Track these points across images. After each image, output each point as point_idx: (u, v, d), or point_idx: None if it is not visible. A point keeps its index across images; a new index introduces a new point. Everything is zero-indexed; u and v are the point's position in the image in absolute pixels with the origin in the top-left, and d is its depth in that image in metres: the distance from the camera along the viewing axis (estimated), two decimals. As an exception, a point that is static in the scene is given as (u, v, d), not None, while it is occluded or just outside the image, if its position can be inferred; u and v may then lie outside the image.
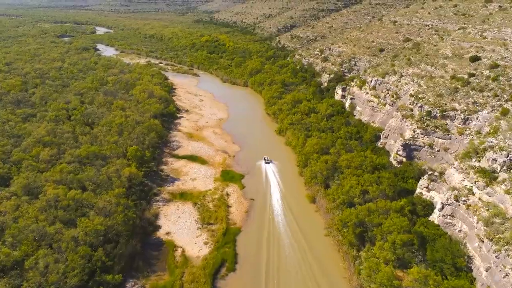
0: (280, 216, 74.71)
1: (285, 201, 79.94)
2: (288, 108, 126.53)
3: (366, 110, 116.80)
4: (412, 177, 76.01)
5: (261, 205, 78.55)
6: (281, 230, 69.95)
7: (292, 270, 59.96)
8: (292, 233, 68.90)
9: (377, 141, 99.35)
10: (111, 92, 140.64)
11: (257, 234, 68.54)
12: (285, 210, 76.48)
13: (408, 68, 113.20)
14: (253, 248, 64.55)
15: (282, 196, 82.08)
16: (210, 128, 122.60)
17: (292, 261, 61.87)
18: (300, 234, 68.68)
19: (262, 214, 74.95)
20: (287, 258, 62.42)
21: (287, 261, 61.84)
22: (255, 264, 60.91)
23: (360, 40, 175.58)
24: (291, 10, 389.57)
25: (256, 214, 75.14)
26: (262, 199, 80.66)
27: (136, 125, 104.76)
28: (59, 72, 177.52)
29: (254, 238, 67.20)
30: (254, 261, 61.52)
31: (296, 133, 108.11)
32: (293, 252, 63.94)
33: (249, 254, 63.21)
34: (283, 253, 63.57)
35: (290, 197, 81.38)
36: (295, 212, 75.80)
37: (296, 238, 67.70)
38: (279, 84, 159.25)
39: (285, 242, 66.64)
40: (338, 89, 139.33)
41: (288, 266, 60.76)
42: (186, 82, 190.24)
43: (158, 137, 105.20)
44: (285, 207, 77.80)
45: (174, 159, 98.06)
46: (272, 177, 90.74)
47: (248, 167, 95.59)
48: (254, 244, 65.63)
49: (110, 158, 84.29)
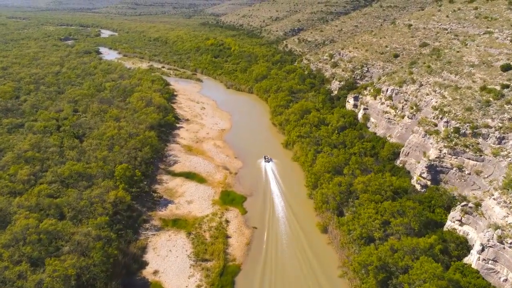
0: (288, 249, 64.72)
1: (293, 230, 69.97)
2: (295, 118, 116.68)
3: (381, 122, 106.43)
4: (440, 205, 65.52)
5: (264, 234, 68.61)
6: (288, 268, 59.99)
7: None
8: (303, 274, 58.85)
9: (396, 159, 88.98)
10: (107, 100, 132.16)
11: (260, 273, 58.62)
12: (293, 242, 66.48)
13: (428, 77, 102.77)
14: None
15: (289, 224, 72.13)
16: (211, 140, 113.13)
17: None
18: (312, 273, 58.64)
19: (266, 247, 65.03)
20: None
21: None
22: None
23: (373, 45, 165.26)
24: (299, 13, 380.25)
25: (259, 246, 65.22)
26: (266, 227, 70.78)
27: (129, 138, 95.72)
28: (56, 77, 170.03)
29: (256, 280, 57.25)
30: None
31: (305, 148, 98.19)
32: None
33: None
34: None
35: (299, 225, 71.33)
36: (305, 244, 65.73)
37: (307, 275, 57.67)
38: (286, 92, 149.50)
39: (292, 283, 56.72)
40: (349, 98, 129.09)
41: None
42: (189, 88, 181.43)
43: (153, 152, 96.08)
44: (293, 237, 67.82)
45: (170, 176, 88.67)
46: (279, 199, 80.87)
47: (251, 187, 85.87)
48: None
49: (96, 178, 75.11)
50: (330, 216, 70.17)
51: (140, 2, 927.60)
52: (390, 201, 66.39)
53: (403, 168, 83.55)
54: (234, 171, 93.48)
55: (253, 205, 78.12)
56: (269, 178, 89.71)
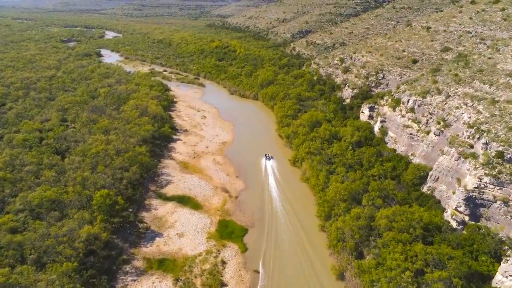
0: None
1: (306, 275, 58.08)
2: (304, 131, 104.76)
3: (402, 137, 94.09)
4: (485, 251, 53.16)
5: (268, 282, 56.96)
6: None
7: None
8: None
9: (422, 184, 76.60)
10: (99, 108, 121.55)
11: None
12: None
13: (456, 87, 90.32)
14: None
15: (300, 265, 60.26)
16: (210, 156, 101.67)
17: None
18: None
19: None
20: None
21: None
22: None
23: (388, 49, 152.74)
24: (307, 14, 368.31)
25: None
26: (271, 270, 59.09)
27: (116, 156, 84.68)
28: (49, 82, 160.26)
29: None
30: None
31: (315, 167, 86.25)
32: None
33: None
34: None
35: (312, 269, 59.40)
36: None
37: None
38: (293, 99, 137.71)
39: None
40: (364, 108, 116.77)
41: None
42: (190, 94, 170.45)
43: (144, 170, 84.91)
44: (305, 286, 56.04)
45: (161, 201, 77.36)
46: (286, 233, 68.92)
47: (253, 214, 74.23)
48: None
49: (70, 207, 64.09)
50: (348, 259, 58.15)
51: (147, 4, 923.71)
52: (421, 244, 54.28)
53: (432, 196, 71.16)
54: (234, 194, 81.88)
55: (256, 239, 66.36)
56: (276, 204, 77.80)
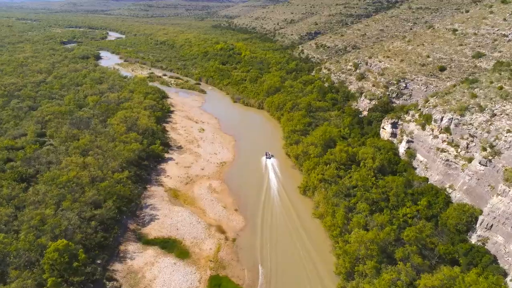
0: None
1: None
2: (316, 152, 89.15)
3: (436, 163, 77.89)
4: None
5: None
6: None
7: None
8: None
9: (469, 231, 60.53)
10: (83, 121, 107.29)
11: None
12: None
13: (503, 103, 74.02)
14: None
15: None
16: (205, 180, 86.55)
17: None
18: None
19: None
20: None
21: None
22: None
23: (409, 54, 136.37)
24: (316, 15, 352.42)
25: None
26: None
27: (91, 185, 70.07)
28: (37, 88, 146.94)
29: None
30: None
31: (331, 201, 70.68)
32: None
33: None
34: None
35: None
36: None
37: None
38: (303, 111, 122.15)
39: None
40: (385, 124, 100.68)
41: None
42: (189, 102, 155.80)
43: (124, 203, 70.09)
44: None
45: (140, 245, 62.40)
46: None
47: (254, 265, 58.92)
48: None
49: (14, 264, 49.42)
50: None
51: (153, 4, 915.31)
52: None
53: (486, 252, 55.03)
54: (232, 235, 66.59)
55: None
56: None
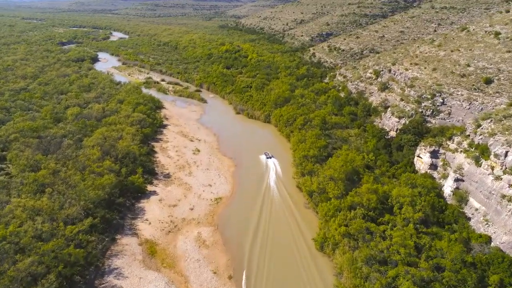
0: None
1: None
2: (337, 192, 69.42)
3: (502, 218, 57.49)
4: None
5: None
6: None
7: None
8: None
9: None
10: (53, 142, 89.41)
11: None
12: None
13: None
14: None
15: None
16: (194, 227, 67.38)
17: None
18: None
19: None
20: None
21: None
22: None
23: (442, 61, 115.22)
24: (327, 15, 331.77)
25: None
26: None
27: (31, 247, 51.58)
28: (14, 97, 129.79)
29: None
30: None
31: (359, 271, 51.11)
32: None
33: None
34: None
35: None
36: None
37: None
38: (317, 129, 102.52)
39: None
40: (422, 152, 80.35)
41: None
42: (186, 114, 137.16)
43: (76, 271, 51.48)
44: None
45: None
46: None
47: None
48: None
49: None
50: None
51: (161, 4, 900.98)
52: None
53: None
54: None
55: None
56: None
